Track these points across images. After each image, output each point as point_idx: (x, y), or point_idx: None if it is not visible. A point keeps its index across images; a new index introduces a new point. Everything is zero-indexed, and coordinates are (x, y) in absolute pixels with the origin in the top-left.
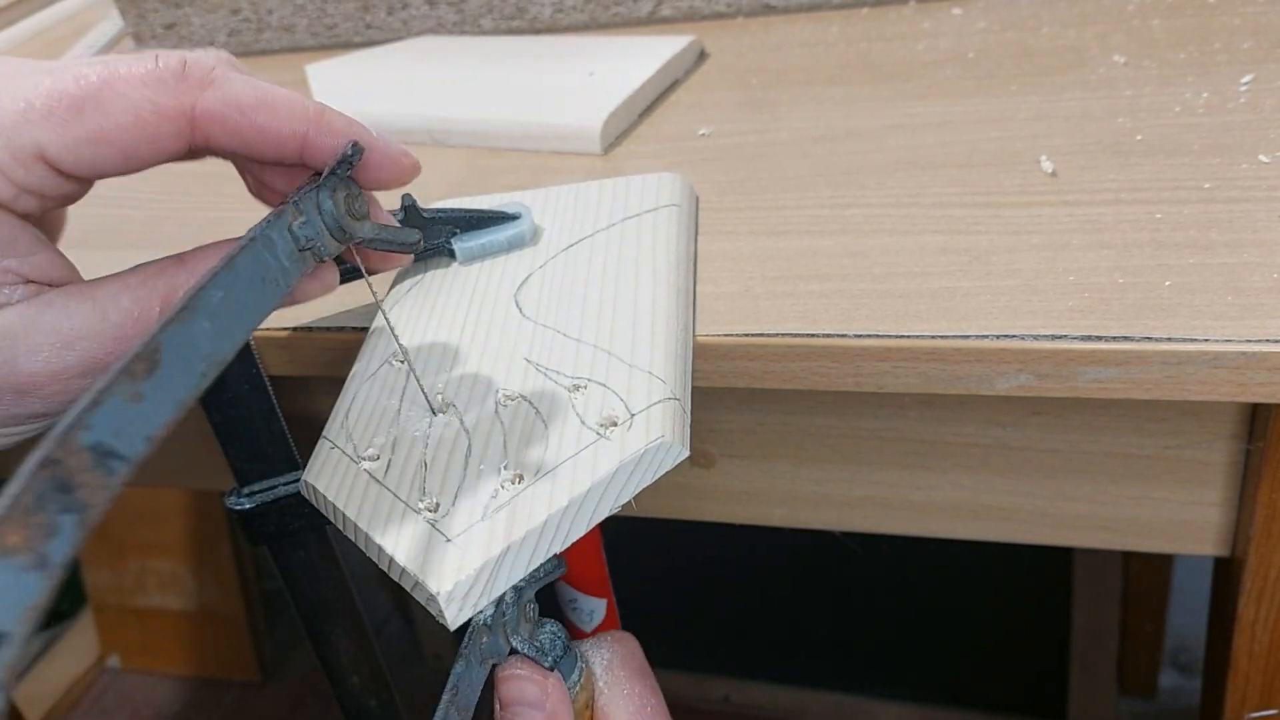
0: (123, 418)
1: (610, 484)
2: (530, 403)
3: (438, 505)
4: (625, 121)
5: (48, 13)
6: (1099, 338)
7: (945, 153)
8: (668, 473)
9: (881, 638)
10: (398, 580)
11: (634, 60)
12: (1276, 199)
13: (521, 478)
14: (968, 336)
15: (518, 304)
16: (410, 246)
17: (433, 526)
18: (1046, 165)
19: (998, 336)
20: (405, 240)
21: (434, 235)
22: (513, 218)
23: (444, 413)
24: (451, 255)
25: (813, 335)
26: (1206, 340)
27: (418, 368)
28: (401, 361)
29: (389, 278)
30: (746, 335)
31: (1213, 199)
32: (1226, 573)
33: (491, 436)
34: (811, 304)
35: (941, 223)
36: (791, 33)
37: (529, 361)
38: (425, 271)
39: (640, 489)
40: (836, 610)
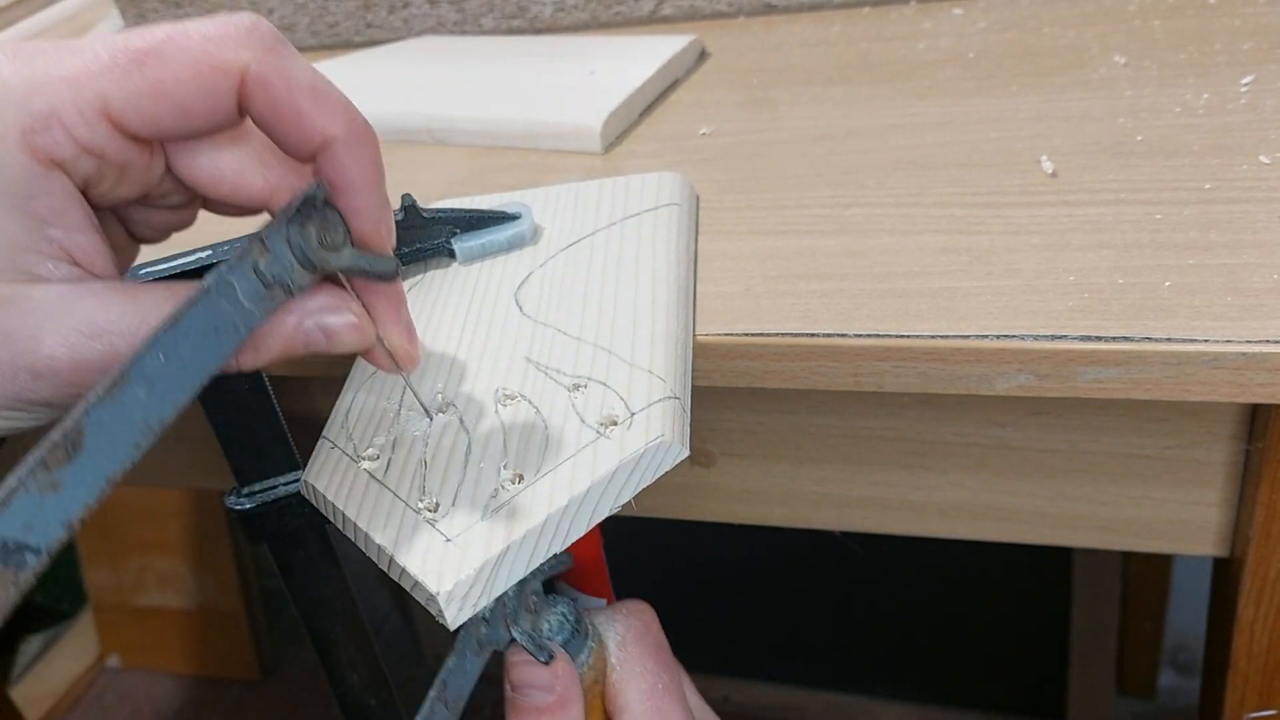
0: (36, 510)
1: (610, 483)
2: (530, 402)
3: (437, 505)
4: (626, 121)
5: (48, 13)
6: (1099, 338)
7: (945, 153)
8: (668, 472)
9: (881, 638)
10: (397, 580)
11: (634, 60)
12: (1276, 200)
13: (521, 477)
14: (968, 336)
15: (518, 303)
16: (388, 275)
17: (432, 526)
18: (1046, 165)
19: (998, 336)
20: (381, 270)
21: (434, 235)
22: (513, 217)
23: (444, 412)
24: (451, 255)
25: (813, 335)
26: (1206, 341)
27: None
28: None
29: None
30: (747, 335)
31: (1213, 200)
32: (1226, 573)
33: (491, 436)
34: (811, 303)
35: (942, 222)
36: (792, 32)
37: (529, 360)
38: (425, 271)
39: (640, 488)
40: (836, 610)
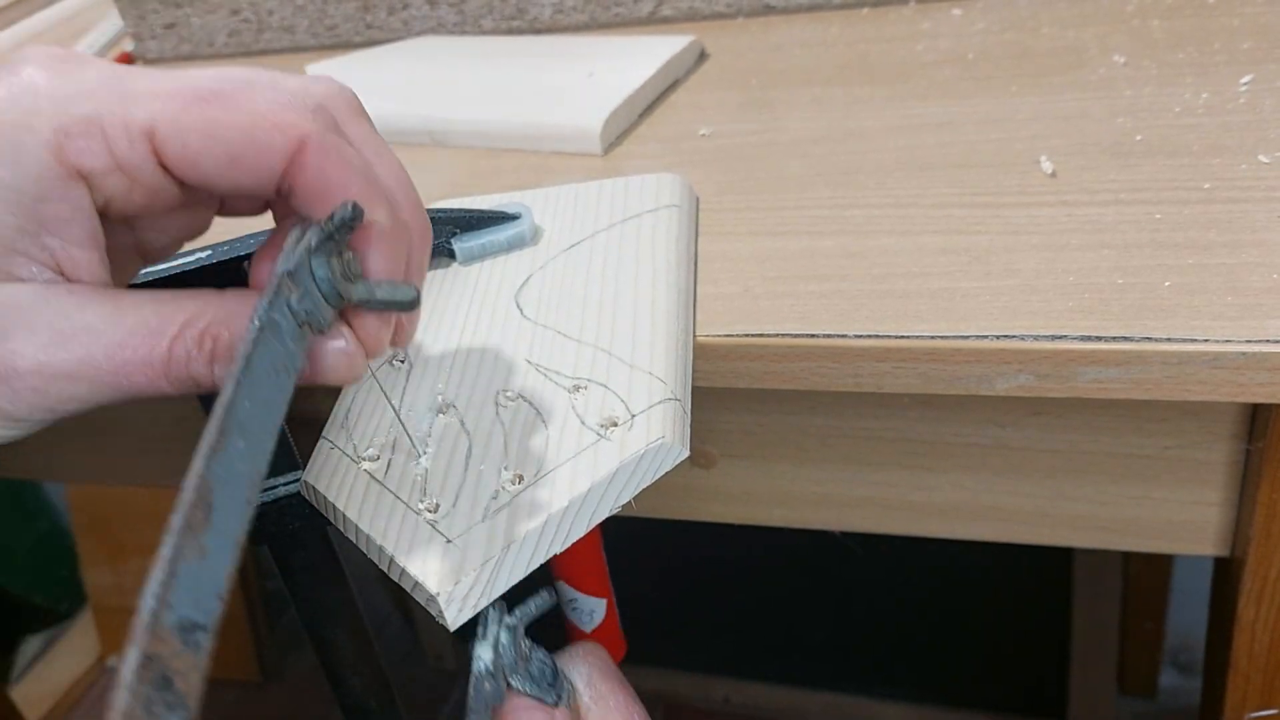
0: (196, 582)
1: (610, 484)
2: (530, 403)
3: (438, 506)
4: (625, 121)
5: (48, 13)
6: (1099, 338)
7: (945, 153)
8: (668, 473)
9: (881, 638)
10: (398, 580)
11: (634, 60)
12: (1276, 199)
13: (521, 478)
14: (967, 337)
15: (518, 304)
16: (408, 305)
17: (433, 527)
18: (1046, 165)
19: (997, 337)
20: (401, 299)
21: (434, 235)
22: (513, 218)
23: (444, 413)
24: (451, 255)
25: (812, 335)
26: (1206, 340)
27: (415, 369)
28: (402, 361)
29: None
30: (746, 336)
31: (1212, 199)
32: (1226, 573)
33: (492, 437)
34: (811, 304)
35: (941, 223)
36: (791, 33)
37: (529, 362)
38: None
39: (640, 489)
40: (836, 610)
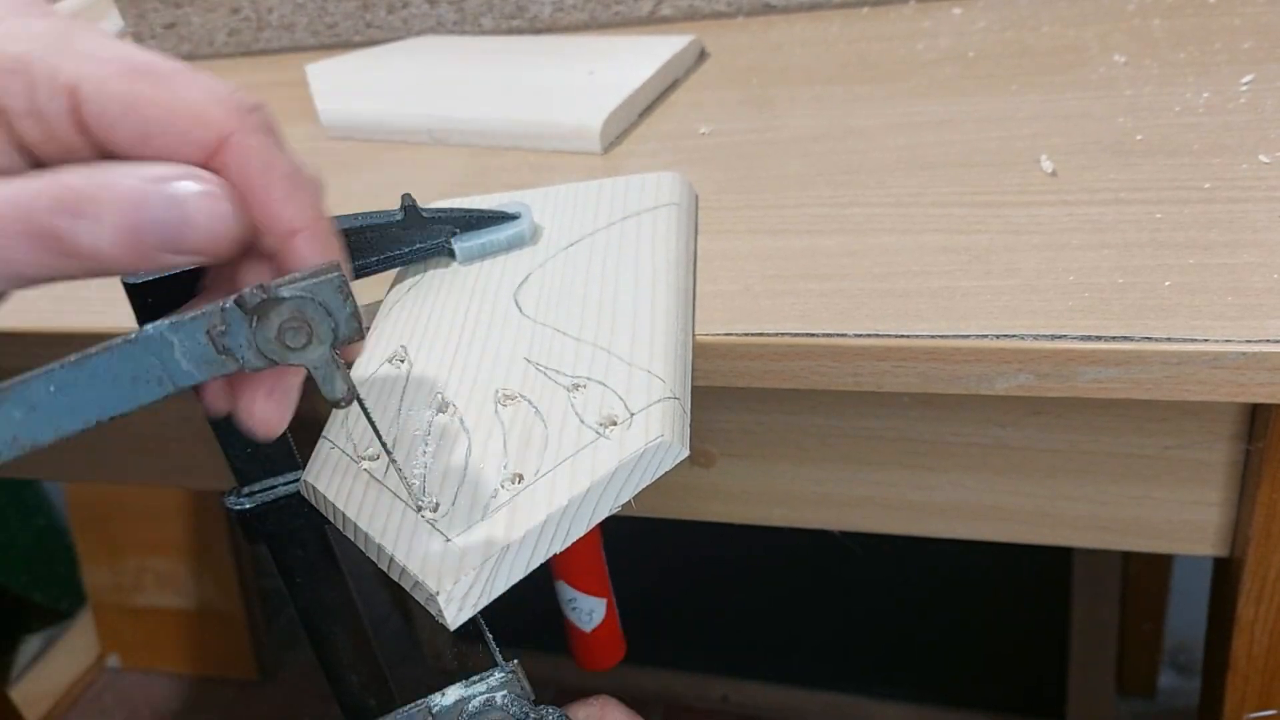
0: None
1: (610, 483)
2: (530, 402)
3: (438, 505)
4: (625, 121)
5: None
6: (1099, 338)
7: (945, 152)
8: (668, 472)
9: (881, 638)
10: (397, 580)
11: (634, 59)
12: (1276, 199)
13: (521, 477)
14: (967, 336)
15: (517, 303)
16: (337, 402)
17: (433, 526)
18: (1046, 165)
19: (998, 336)
20: (333, 394)
21: (434, 235)
22: (512, 217)
23: (444, 412)
24: (451, 255)
25: (812, 335)
26: (1206, 340)
27: (415, 369)
28: (402, 361)
29: (385, 280)
30: (746, 335)
31: (1213, 199)
32: (1226, 573)
33: (491, 436)
34: (811, 303)
35: (941, 222)
36: (792, 32)
37: (529, 361)
38: (425, 271)
39: (640, 489)
40: (836, 610)
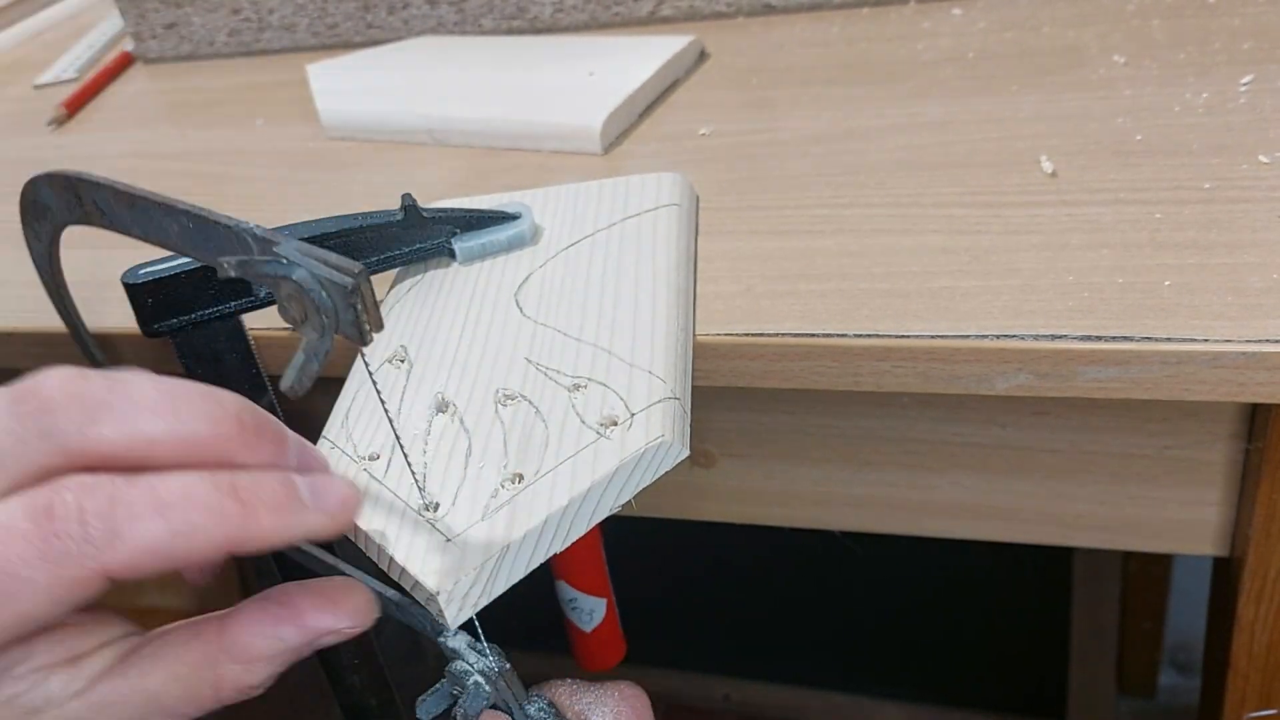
0: None
1: (610, 483)
2: (530, 402)
3: (438, 505)
4: (625, 121)
5: (48, 13)
6: (1099, 337)
7: (945, 153)
8: (668, 472)
9: (881, 638)
10: (397, 579)
11: (634, 60)
12: (1276, 199)
13: (521, 477)
14: (968, 336)
15: (518, 304)
16: (289, 388)
17: (433, 526)
18: (1046, 165)
19: (998, 336)
20: (286, 380)
21: (434, 235)
22: (513, 217)
23: (444, 412)
24: (452, 255)
25: (812, 335)
26: (1206, 340)
27: (415, 369)
28: (402, 361)
29: (386, 281)
30: (746, 335)
31: (1213, 199)
32: (1226, 573)
33: (491, 436)
34: (811, 303)
35: (941, 222)
36: (792, 32)
37: (529, 361)
38: (425, 271)
39: (640, 489)
40: (836, 610)
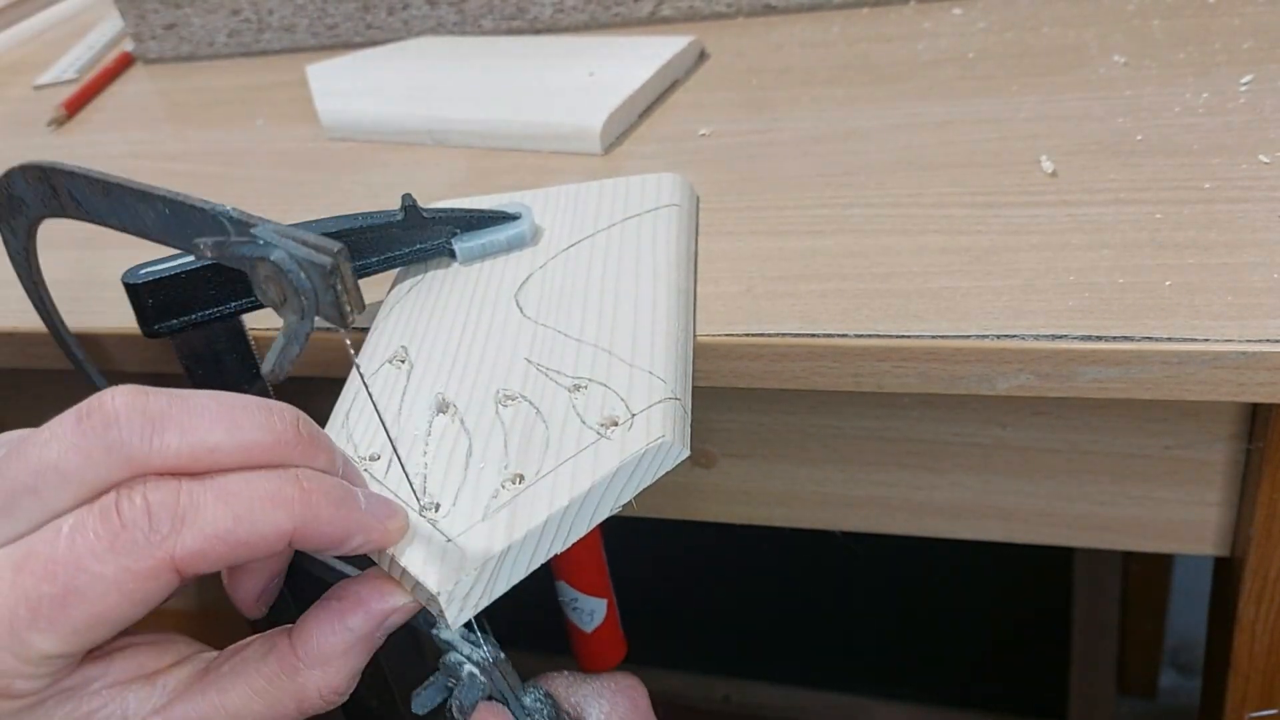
0: None
1: (611, 484)
2: (530, 403)
3: (438, 505)
4: (625, 121)
5: (48, 13)
6: (1099, 337)
7: (945, 153)
8: (668, 473)
9: (881, 638)
10: (398, 580)
11: (634, 60)
12: (1276, 199)
13: (522, 478)
14: (968, 336)
15: (518, 304)
16: (269, 372)
17: (434, 526)
18: (1046, 165)
19: (998, 336)
20: (267, 364)
21: (434, 235)
22: (513, 218)
23: (444, 413)
24: (452, 255)
25: (813, 335)
26: (1206, 340)
27: (415, 369)
28: (403, 361)
29: (386, 281)
30: (747, 335)
31: (1213, 199)
32: (1226, 573)
33: (492, 436)
34: (812, 304)
35: (942, 222)
36: (792, 33)
37: (529, 361)
38: (425, 271)
39: (641, 489)
40: (836, 610)
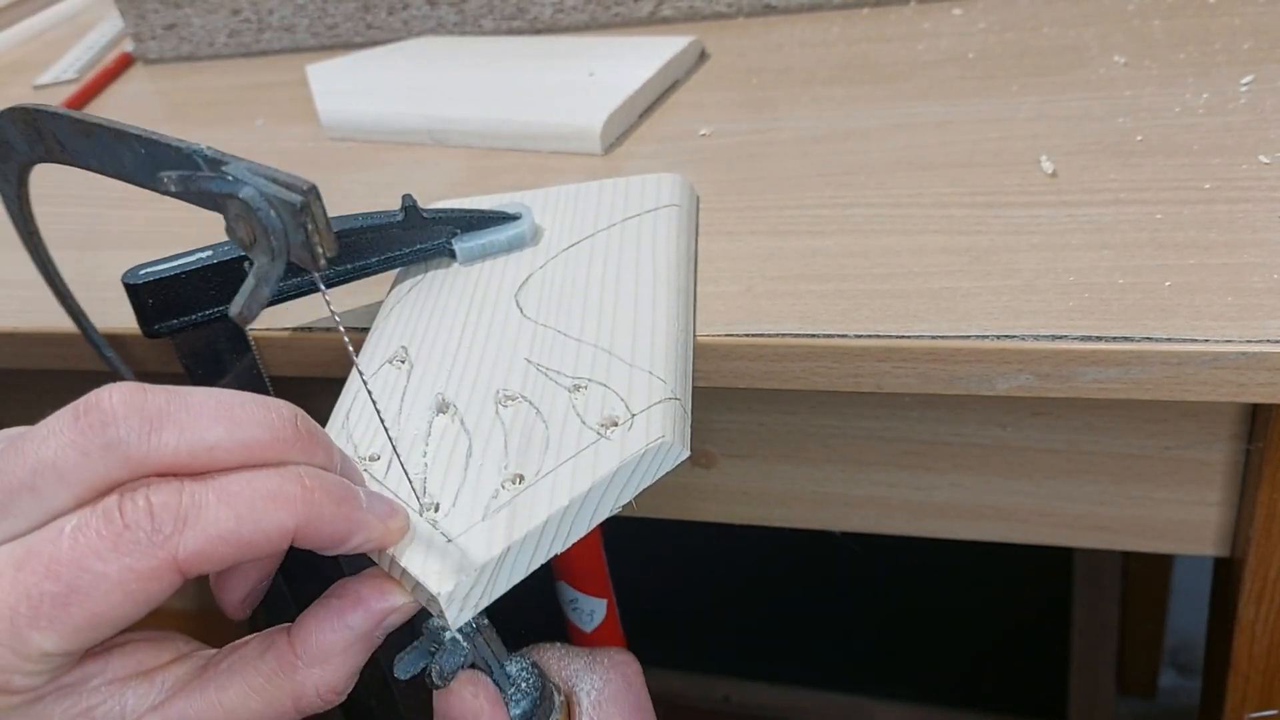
0: None
1: (611, 484)
2: (530, 403)
3: (438, 505)
4: (625, 122)
5: (48, 13)
6: (1099, 338)
7: (945, 153)
8: (668, 473)
9: (881, 638)
10: (398, 580)
11: (634, 60)
12: (1276, 199)
13: (522, 478)
14: (968, 336)
15: (518, 304)
16: (237, 314)
17: (434, 527)
18: (1046, 165)
19: (998, 336)
20: (236, 306)
21: (434, 235)
22: (513, 218)
23: (444, 413)
24: (452, 255)
25: (813, 335)
26: (1207, 340)
27: (415, 369)
28: (403, 361)
29: (386, 281)
30: (747, 335)
31: (1213, 199)
32: (1226, 573)
33: (492, 437)
34: (812, 304)
35: (942, 223)
36: (792, 33)
37: (529, 362)
38: (425, 272)
39: (641, 489)
40: (836, 610)
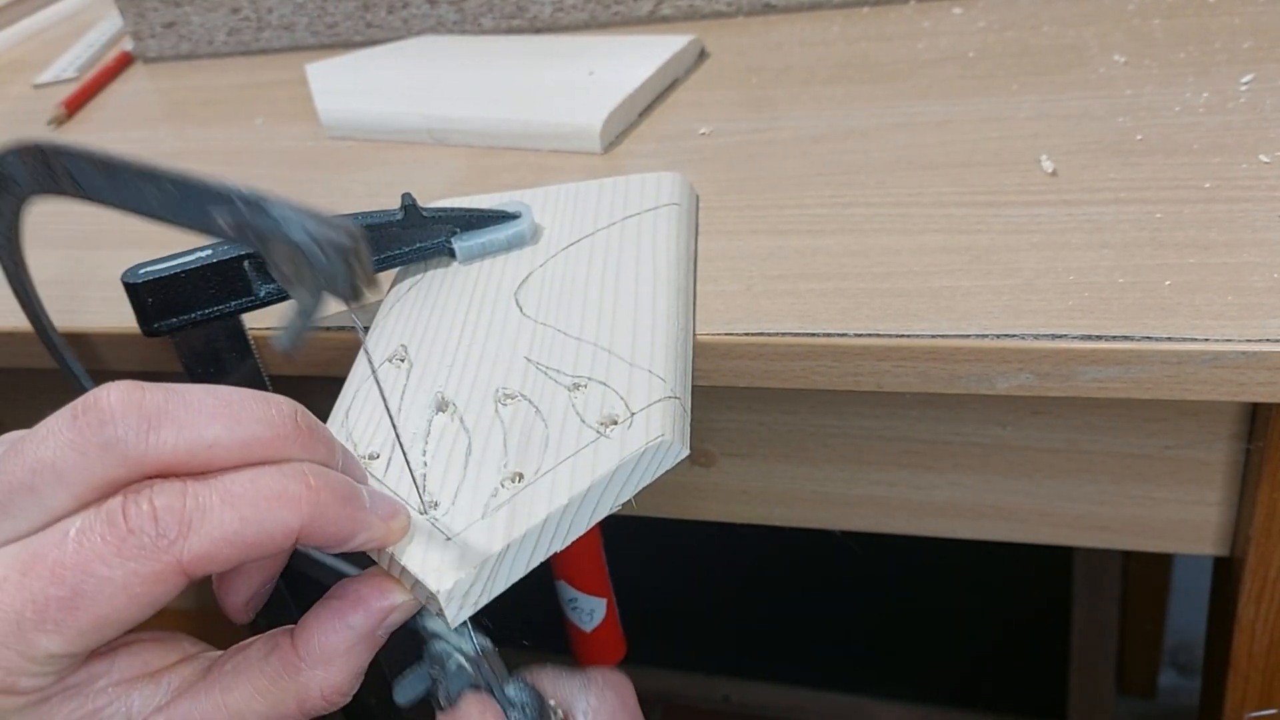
0: None
1: (610, 483)
2: (530, 401)
3: (438, 504)
4: (625, 120)
5: (48, 13)
6: (1099, 337)
7: (945, 152)
8: (668, 472)
9: (881, 638)
10: (398, 578)
11: (634, 59)
12: (1276, 199)
13: (521, 476)
14: (968, 336)
15: (518, 303)
16: (284, 350)
17: (433, 525)
18: (1046, 165)
19: (998, 336)
20: (281, 341)
21: (434, 235)
22: (513, 217)
23: (444, 411)
24: (451, 254)
25: (813, 334)
26: (1207, 340)
27: (415, 368)
28: (402, 360)
29: (386, 280)
30: (747, 334)
31: (1213, 199)
32: (1226, 573)
33: (491, 435)
34: (812, 303)
35: (942, 222)
36: (792, 32)
37: (529, 360)
38: (425, 271)
39: (640, 488)
40: (836, 610)
